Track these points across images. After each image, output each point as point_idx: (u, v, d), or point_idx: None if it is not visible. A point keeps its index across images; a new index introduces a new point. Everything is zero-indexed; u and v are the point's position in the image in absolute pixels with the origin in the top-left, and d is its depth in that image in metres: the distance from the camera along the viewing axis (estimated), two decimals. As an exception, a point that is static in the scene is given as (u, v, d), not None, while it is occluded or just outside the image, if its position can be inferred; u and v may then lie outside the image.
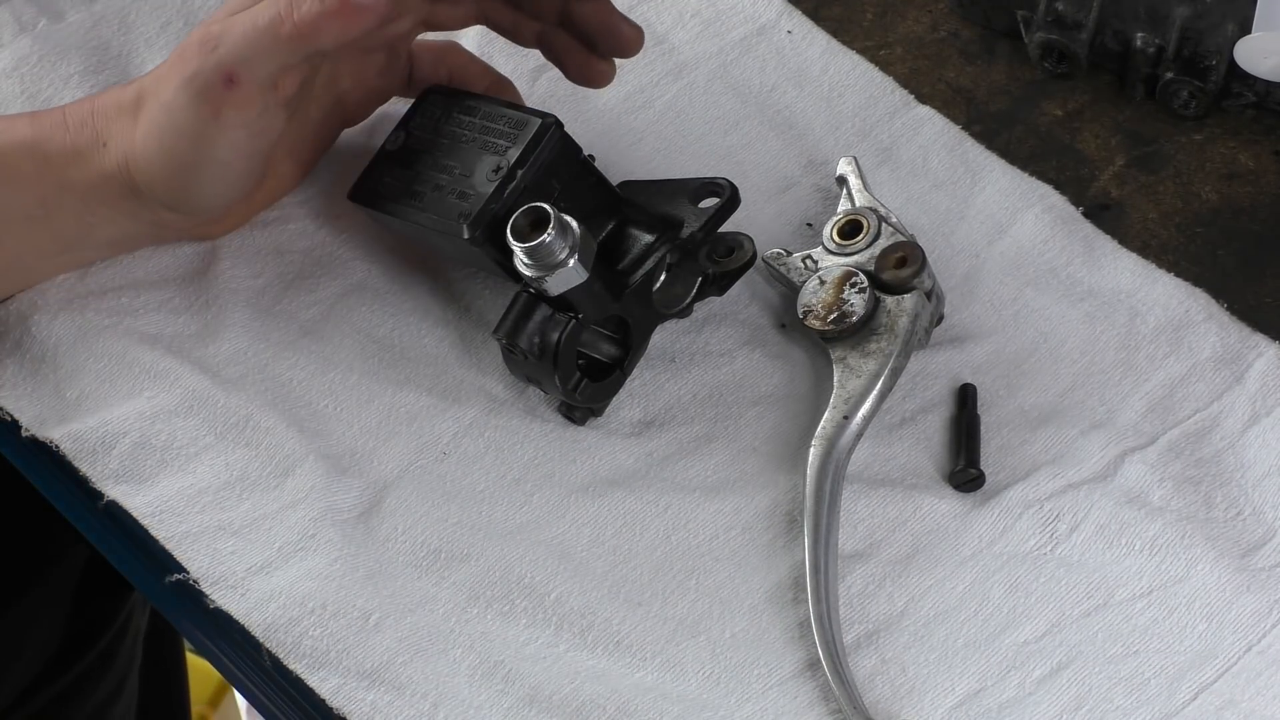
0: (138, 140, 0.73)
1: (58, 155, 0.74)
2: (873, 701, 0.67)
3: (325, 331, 0.79)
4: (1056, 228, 0.81)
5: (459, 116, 0.76)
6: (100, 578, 1.02)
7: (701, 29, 0.91)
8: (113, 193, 0.75)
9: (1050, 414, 0.75)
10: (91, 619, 1.04)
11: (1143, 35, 0.83)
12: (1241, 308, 0.78)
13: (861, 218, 0.78)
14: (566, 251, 0.69)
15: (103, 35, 0.91)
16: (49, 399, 0.76)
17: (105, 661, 1.06)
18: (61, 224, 0.76)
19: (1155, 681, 0.67)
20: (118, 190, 0.75)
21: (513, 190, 0.71)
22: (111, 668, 1.07)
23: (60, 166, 0.74)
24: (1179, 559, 0.70)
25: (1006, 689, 0.68)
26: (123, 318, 0.79)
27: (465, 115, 0.76)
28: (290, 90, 0.73)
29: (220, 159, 0.73)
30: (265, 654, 0.69)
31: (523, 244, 0.69)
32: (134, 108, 0.74)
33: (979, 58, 0.89)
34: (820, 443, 0.72)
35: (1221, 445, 0.74)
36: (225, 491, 0.73)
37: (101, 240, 0.78)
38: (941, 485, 0.74)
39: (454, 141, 0.75)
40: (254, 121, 0.72)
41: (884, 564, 0.71)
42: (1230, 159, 0.84)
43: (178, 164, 0.73)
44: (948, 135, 0.85)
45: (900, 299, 0.75)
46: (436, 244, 0.77)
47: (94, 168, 0.74)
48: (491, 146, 0.73)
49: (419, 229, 0.75)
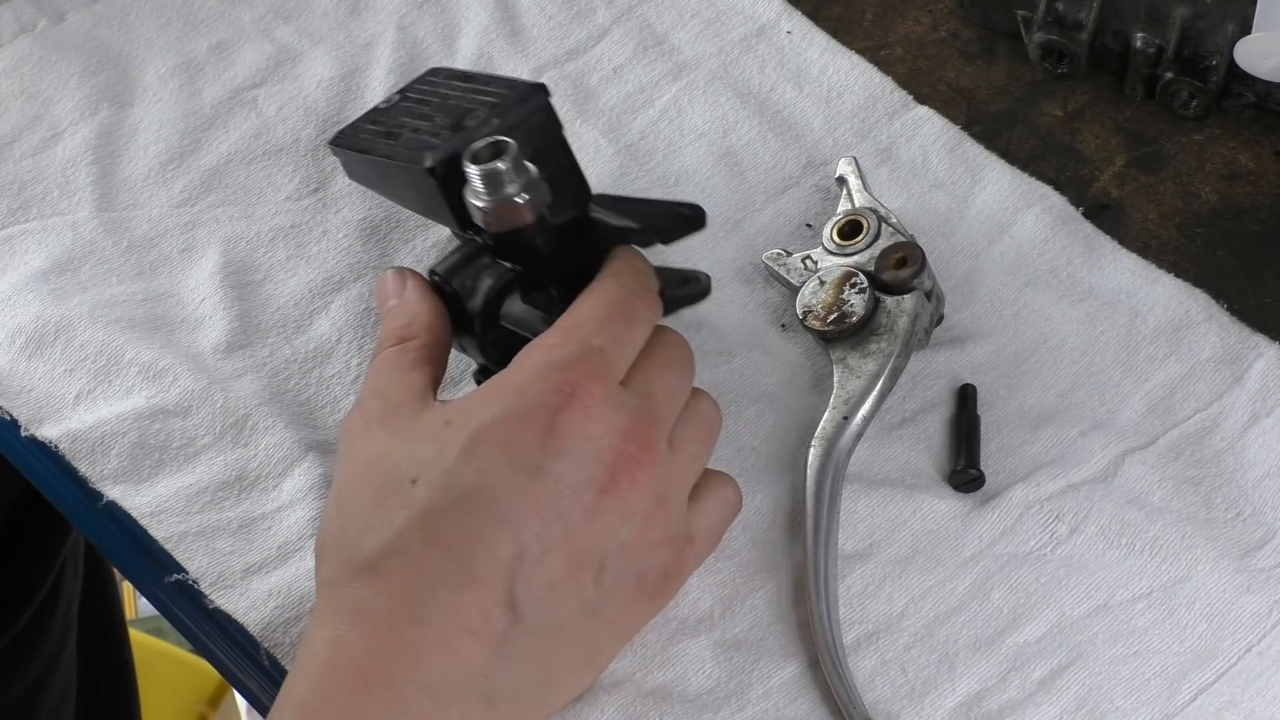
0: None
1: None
2: (873, 701, 0.67)
3: (324, 329, 0.79)
4: (1056, 228, 0.81)
5: (455, 83, 0.74)
6: (21, 540, 1.01)
7: (701, 29, 0.91)
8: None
9: (1050, 414, 0.75)
10: (12, 587, 1.03)
11: (1143, 35, 0.83)
12: (1241, 308, 0.78)
13: (861, 218, 0.78)
14: (517, 187, 0.67)
15: (103, 35, 0.92)
16: (48, 398, 0.76)
17: (35, 634, 1.05)
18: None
19: (1155, 682, 0.67)
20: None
21: (483, 135, 0.69)
22: (43, 641, 1.06)
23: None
24: (1179, 560, 0.70)
25: (1007, 690, 0.67)
26: (122, 317, 0.79)
27: (461, 82, 0.74)
28: None
29: None
30: (264, 653, 0.69)
31: (477, 166, 0.67)
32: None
33: (979, 58, 0.89)
34: (820, 443, 0.72)
35: (1222, 446, 0.74)
36: (224, 491, 0.73)
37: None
38: (941, 485, 0.73)
39: (443, 101, 0.73)
40: None
41: (884, 564, 0.71)
42: (1230, 159, 0.84)
43: None
44: (948, 135, 0.85)
45: (900, 299, 0.75)
46: (402, 193, 0.75)
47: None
48: (478, 105, 0.71)
49: (385, 171, 0.73)
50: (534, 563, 0.59)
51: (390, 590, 0.58)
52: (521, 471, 0.59)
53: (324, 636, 0.59)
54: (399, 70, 0.89)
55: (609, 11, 0.92)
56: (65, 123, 0.88)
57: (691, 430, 0.65)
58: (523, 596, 0.59)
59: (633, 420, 0.62)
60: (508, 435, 0.60)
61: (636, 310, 0.65)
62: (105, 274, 0.82)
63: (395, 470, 0.61)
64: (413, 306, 0.68)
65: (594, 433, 0.60)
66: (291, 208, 0.84)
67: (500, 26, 0.91)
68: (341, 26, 0.92)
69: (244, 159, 0.87)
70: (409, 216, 0.83)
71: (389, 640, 0.58)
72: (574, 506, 0.60)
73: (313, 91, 0.89)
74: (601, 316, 0.64)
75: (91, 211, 0.84)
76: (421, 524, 0.59)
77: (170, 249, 0.83)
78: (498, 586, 0.59)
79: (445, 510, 0.59)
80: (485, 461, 0.59)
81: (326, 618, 0.59)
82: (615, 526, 0.61)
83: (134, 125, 0.88)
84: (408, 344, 0.66)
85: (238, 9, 0.93)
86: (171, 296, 0.81)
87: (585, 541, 0.60)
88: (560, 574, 0.60)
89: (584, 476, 0.60)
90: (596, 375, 0.61)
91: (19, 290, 0.80)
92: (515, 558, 0.59)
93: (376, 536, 0.59)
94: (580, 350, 0.62)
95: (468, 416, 0.61)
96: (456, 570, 0.58)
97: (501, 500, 0.59)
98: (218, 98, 0.89)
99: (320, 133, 0.87)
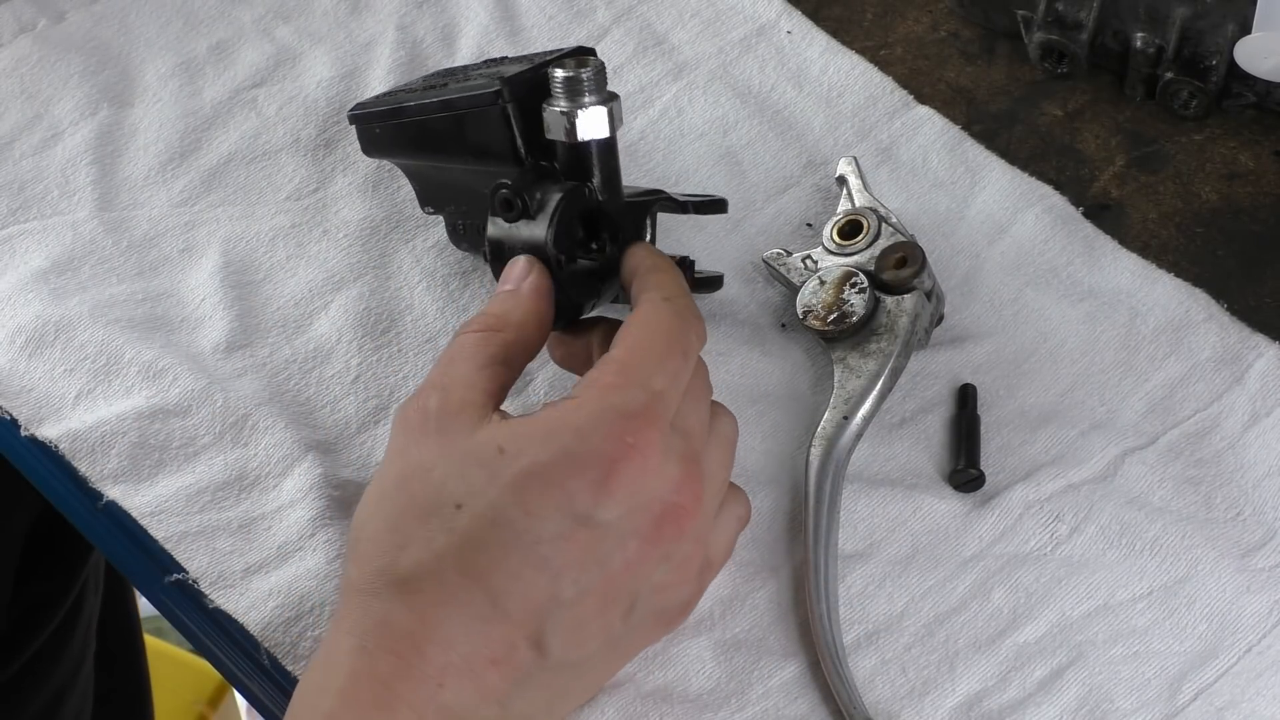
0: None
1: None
2: (873, 701, 0.67)
3: (324, 329, 0.79)
4: (1056, 228, 0.81)
5: (478, 65, 0.76)
6: (43, 557, 1.01)
7: (701, 29, 0.91)
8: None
9: (1050, 414, 0.75)
10: (35, 603, 1.03)
11: (1143, 35, 0.83)
12: (1241, 308, 0.78)
13: (861, 218, 0.78)
14: (599, 99, 0.68)
15: (102, 35, 0.91)
16: (48, 398, 0.76)
17: (56, 649, 1.05)
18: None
19: (1156, 682, 0.67)
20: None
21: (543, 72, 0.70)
22: (63, 657, 1.06)
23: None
24: (1180, 560, 0.70)
25: (1007, 690, 0.67)
26: (122, 316, 0.79)
27: (489, 63, 0.76)
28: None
29: None
30: (264, 653, 0.68)
31: (565, 72, 0.68)
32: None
33: (979, 58, 0.89)
34: (820, 443, 0.72)
35: (1222, 445, 0.74)
36: (224, 491, 0.73)
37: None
38: (941, 485, 0.73)
39: (477, 70, 0.75)
40: None
41: (884, 564, 0.71)
42: (1230, 159, 0.84)
43: None
44: (948, 135, 0.85)
45: (900, 299, 0.75)
46: (447, 147, 0.74)
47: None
48: (516, 60, 0.72)
49: (426, 128, 0.73)
50: (567, 606, 0.59)
51: (421, 611, 0.58)
52: (569, 519, 0.59)
53: (349, 645, 0.59)
54: (399, 70, 0.89)
55: (609, 11, 0.92)
56: (65, 122, 0.88)
57: (718, 456, 0.65)
58: (551, 635, 0.59)
59: (682, 470, 0.61)
60: (560, 480, 0.59)
61: (690, 343, 0.64)
62: (105, 274, 0.82)
63: (442, 488, 0.60)
64: (522, 302, 0.66)
65: (648, 486, 0.60)
66: (291, 208, 0.84)
67: (500, 26, 0.91)
68: (341, 26, 0.92)
69: (244, 159, 0.87)
70: (409, 216, 0.83)
71: (415, 661, 0.58)
72: (616, 554, 0.60)
73: (313, 91, 0.89)
74: (661, 353, 0.63)
75: (91, 211, 0.84)
76: (460, 551, 0.59)
77: (170, 249, 0.83)
78: (528, 625, 0.59)
79: (486, 543, 0.59)
80: (534, 503, 0.59)
81: (353, 624, 0.59)
82: (653, 570, 0.61)
83: (134, 125, 0.88)
84: (492, 335, 0.65)
85: (238, 9, 0.93)
86: (171, 296, 0.81)
87: (621, 585, 0.60)
88: (591, 615, 0.60)
89: (632, 527, 0.60)
90: (656, 424, 0.61)
91: (19, 290, 0.80)
92: (549, 599, 0.59)
93: (414, 555, 0.59)
94: (643, 397, 0.61)
95: (522, 448, 0.60)
96: (489, 605, 0.58)
97: (544, 545, 0.59)
98: (218, 98, 0.89)
99: (320, 132, 0.87)
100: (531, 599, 0.59)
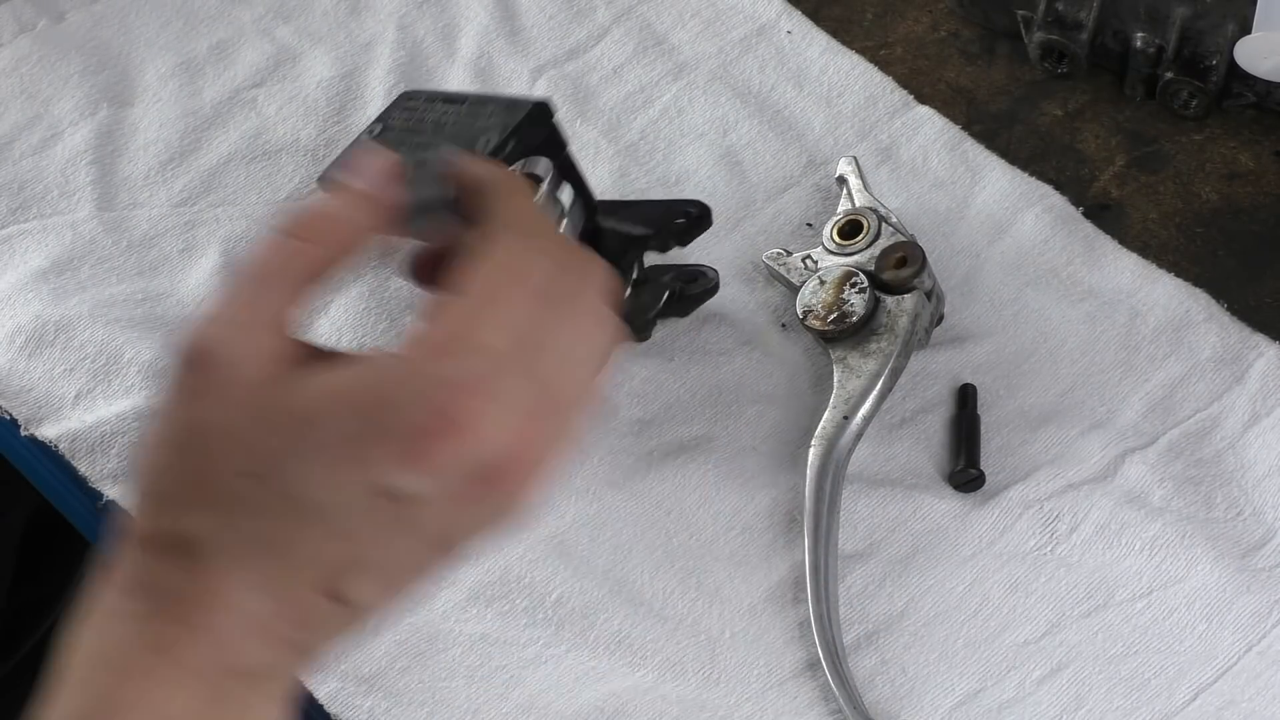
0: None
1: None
2: (873, 701, 0.67)
3: (324, 329, 0.79)
4: (1056, 228, 0.81)
5: (440, 106, 0.71)
6: (41, 556, 1.00)
7: (701, 29, 0.91)
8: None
9: (1050, 414, 0.75)
10: (32, 601, 1.02)
11: (1143, 35, 0.83)
12: (1241, 308, 0.78)
13: (861, 218, 0.78)
14: (557, 215, 0.66)
15: (102, 35, 0.91)
16: (48, 398, 0.76)
17: (54, 645, 1.04)
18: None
19: (1155, 682, 0.67)
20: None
21: (502, 159, 0.66)
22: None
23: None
24: (1179, 559, 0.70)
25: (1006, 689, 0.67)
26: (122, 316, 0.79)
27: (449, 105, 0.71)
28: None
29: None
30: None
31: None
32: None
33: (979, 58, 0.89)
34: (820, 443, 0.72)
35: (1222, 445, 0.74)
36: (224, 491, 0.73)
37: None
38: (941, 485, 0.73)
39: (437, 126, 0.70)
40: None
41: (884, 564, 0.71)
42: (1230, 159, 0.84)
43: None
44: (948, 135, 0.85)
45: (900, 299, 0.75)
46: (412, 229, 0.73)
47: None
48: (479, 129, 0.67)
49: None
50: (373, 566, 0.54)
51: (206, 580, 0.53)
52: (373, 492, 0.52)
53: (128, 610, 0.53)
54: (399, 70, 0.89)
55: (609, 11, 0.92)
56: (65, 122, 0.88)
57: (573, 380, 0.55)
58: (351, 589, 0.54)
59: (518, 430, 0.53)
60: (363, 453, 0.52)
61: (552, 284, 0.54)
62: (105, 273, 0.82)
63: (236, 449, 0.53)
64: (360, 207, 0.58)
65: (468, 457, 0.52)
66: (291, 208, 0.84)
67: (500, 26, 0.91)
68: (341, 26, 0.92)
69: (244, 159, 0.87)
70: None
71: (201, 629, 0.52)
72: (429, 520, 0.53)
73: (313, 91, 0.89)
74: (506, 301, 0.53)
75: (91, 211, 0.84)
76: (254, 519, 0.53)
77: (170, 248, 0.83)
78: (327, 583, 0.53)
79: (281, 513, 0.53)
80: (334, 475, 0.52)
81: (134, 584, 0.54)
82: (475, 519, 0.54)
83: (134, 125, 0.88)
84: (310, 248, 0.56)
85: (238, 9, 0.93)
86: (171, 296, 0.81)
87: (433, 540, 0.54)
88: (399, 570, 0.54)
89: (448, 493, 0.52)
90: (484, 393, 0.52)
91: (19, 290, 0.80)
92: (351, 562, 0.53)
93: (202, 521, 0.53)
94: (473, 364, 0.52)
95: (326, 414, 0.52)
96: (282, 572, 0.53)
97: (344, 517, 0.52)
98: (218, 98, 0.89)
99: (320, 132, 0.87)
100: (329, 564, 0.53)
